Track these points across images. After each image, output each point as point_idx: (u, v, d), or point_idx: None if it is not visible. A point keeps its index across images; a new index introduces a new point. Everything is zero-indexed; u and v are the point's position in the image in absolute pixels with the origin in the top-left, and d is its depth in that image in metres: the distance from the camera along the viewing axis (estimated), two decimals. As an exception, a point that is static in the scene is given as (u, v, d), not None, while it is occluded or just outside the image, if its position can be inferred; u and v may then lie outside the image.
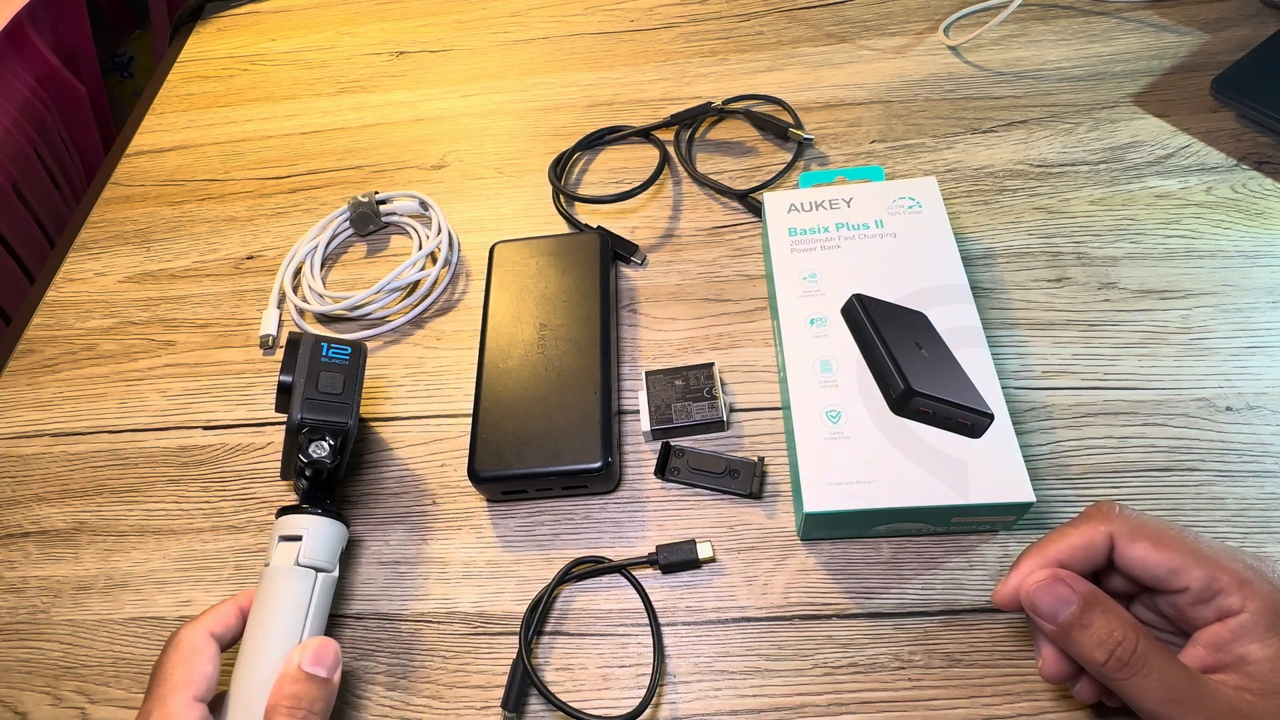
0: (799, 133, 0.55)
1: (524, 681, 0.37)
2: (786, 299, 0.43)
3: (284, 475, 0.44)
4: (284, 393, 0.40)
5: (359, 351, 0.42)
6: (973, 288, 0.45)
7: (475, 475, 0.41)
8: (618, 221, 0.54)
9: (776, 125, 0.56)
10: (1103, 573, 0.31)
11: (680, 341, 0.48)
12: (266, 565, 0.37)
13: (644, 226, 0.54)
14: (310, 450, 0.38)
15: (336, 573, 0.39)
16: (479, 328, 0.47)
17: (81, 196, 0.64)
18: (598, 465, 0.40)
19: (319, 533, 0.38)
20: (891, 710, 0.35)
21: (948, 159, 0.53)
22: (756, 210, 0.53)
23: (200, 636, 0.34)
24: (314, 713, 0.32)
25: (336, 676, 0.34)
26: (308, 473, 0.39)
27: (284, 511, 0.39)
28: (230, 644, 0.36)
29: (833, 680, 0.36)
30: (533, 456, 0.41)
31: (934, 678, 0.36)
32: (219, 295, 0.55)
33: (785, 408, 0.42)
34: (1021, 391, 0.43)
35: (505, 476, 0.41)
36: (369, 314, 0.51)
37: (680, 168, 0.56)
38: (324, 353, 0.40)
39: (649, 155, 0.58)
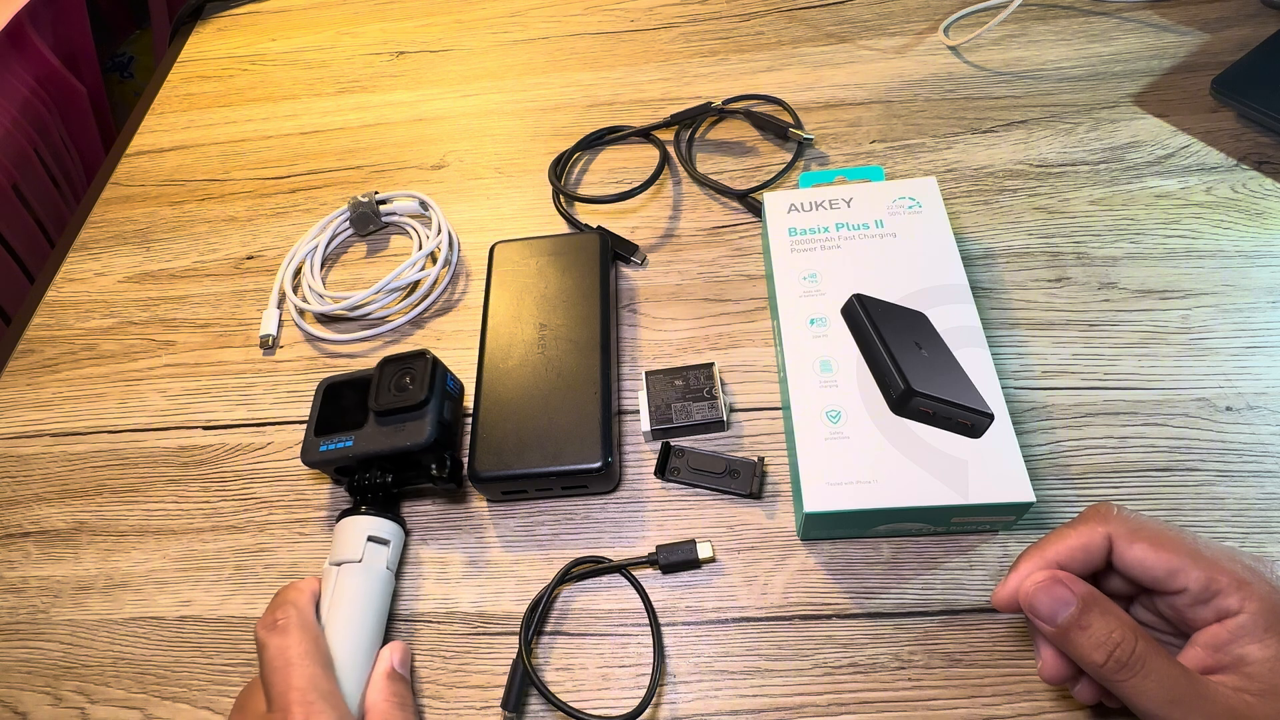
0: (799, 133, 0.55)
1: (524, 681, 0.37)
2: (786, 299, 0.43)
3: (309, 460, 0.42)
4: (414, 408, 0.42)
5: (462, 389, 0.46)
6: (973, 288, 0.45)
7: (475, 475, 0.41)
8: (618, 221, 0.54)
9: (776, 125, 0.56)
10: (1102, 574, 0.31)
11: (680, 341, 0.48)
12: (357, 561, 0.39)
13: (644, 226, 0.54)
14: (446, 468, 0.41)
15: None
16: (479, 328, 0.47)
17: (81, 196, 0.64)
18: (598, 465, 0.40)
19: (400, 540, 0.42)
20: (891, 710, 0.35)
21: (948, 159, 0.53)
22: (756, 210, 0.53)
23: (315, 624, 0.36)
24: (411, 706, 0.36)
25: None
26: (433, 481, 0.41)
27: (360, 512, 0.40)
28: None
29: (833, 680, 0.36)
30: (533, 456, 0.41)
31: (934, 678, 0.36)
32: (219, 295, 0.55)
33: (785, 408, 0.42)
34: (1021, 391, 0.43)
35: (505, 476, 0.41)
36: (369, 314, 0.51)
37: (680, 168, 0.56)
38: (448, 382, 0.44)
39: (649, 155, 0.58)
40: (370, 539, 0.40)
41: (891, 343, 0.39)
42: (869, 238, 0.44)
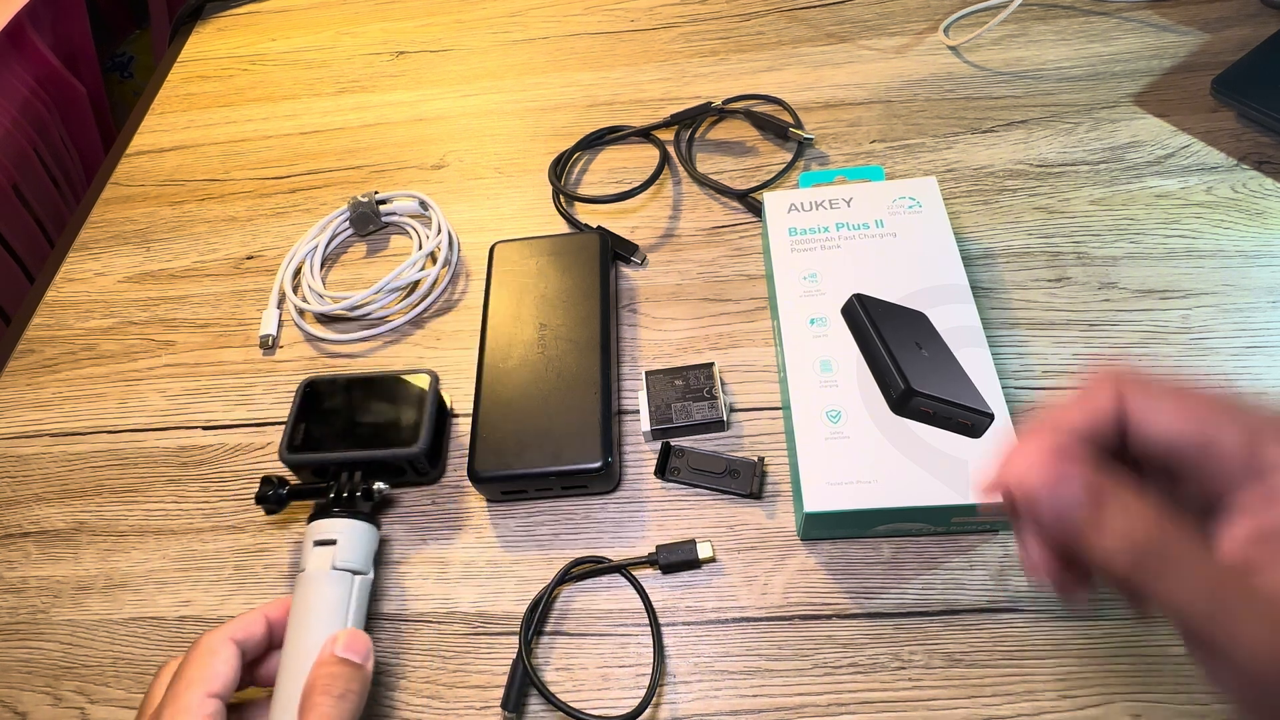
0: (799, 132, 0.55)
1: (524, 681, 0.37)
2: (786, 299, 0.43)
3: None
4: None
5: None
6: (973, 288, 0.45)
7: (475, 475, 0.41)
8: (618, 221, 0.54)
9: (776, 125, 0.56)
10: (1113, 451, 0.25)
11: (680, 341, 0.48)
12: (301, 571, 0.37)
13: (644, 226, 0.54)
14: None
15: (372, 574, 0.40)
16: (479, 328, 0.47)
17: (81, 196, 0.64)
18: (598, 465, 0.40)
19: (353, 536, 0.39)
20: (891, 710, 0.35)
21: (948, 159, 0.53)
22: (756, 210, 0.53)
23: (219, 640, 0.34)
24: (351, 691, 0.33)
25: (369, 665, 0.35)
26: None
27: (316, 516, 0.39)
28: (255, 653, 0.35)
29: (833, 680, 0.36)
30: (533, 456, 0.41)
31: (934, 678, 0.36)
32: (219, 295, 0.55)
33: (785, 408, 0.42)
34: (1021, 391, 0.43)
35: (505, 476, 0.41)
36: (369, 314, 0.51)
37: (680, 168, 0.56)
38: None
39: (649, 155, 0.58)
40: (316, 543, 0.38)
41: (891, 343, 0.39)
42: (869, 238, 0.44)
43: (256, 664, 0.36)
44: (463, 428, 0.46)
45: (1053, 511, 0.23)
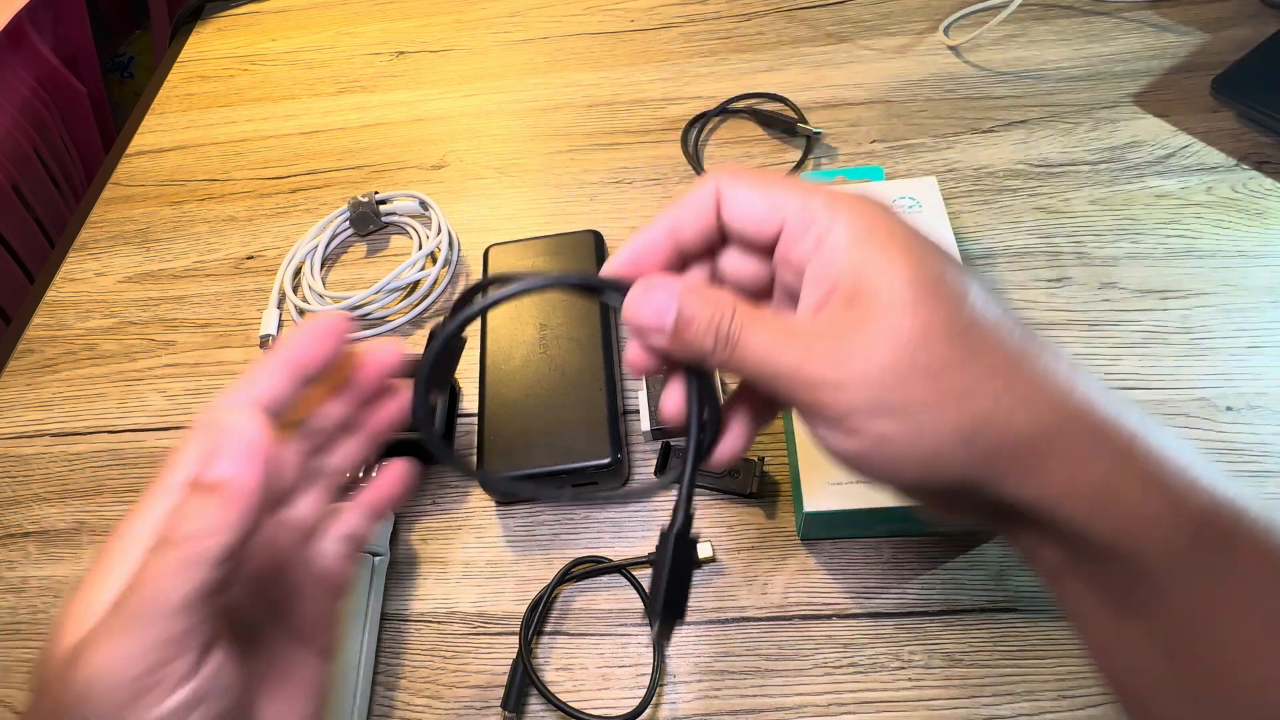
0: (806, 127, 0.55)
1: (524, 681, 0.37)
2: (786, 299, 0.43)
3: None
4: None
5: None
6: (973, 288, 0.45)
7: (485, 479, 0.41)
8: (617, 221, 0.54)
9: (784, 121, 0.56)
10: (717, 250, 0.27)
11: (680, 341, 0.48)
12: None
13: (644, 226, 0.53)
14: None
15: (389, 555, 0.41)
16: (479, 329, 0.47)
17: (81, 196, 0.64)
18: (607, 461, 0.40)
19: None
20: (891, 710, 0.35)
21: (948, 159, 0.53)
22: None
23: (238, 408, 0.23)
24: None
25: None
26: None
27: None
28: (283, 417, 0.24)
29: (833, 680, 0.36)
30: (542, 456, 0.41)
31: (934, 678, 0.36)
32: (219, 295, 0.55)
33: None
34: (1021, 391, 0.43)
35: (516, 478, 0.41)
36: (369, 314, 0.51)
37: (689, 168, 0.56)
38: None
39: (652, 155, 0.58)
40: None
41: (891, 343, 0.39)
42: (869, 238, 0.44)
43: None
44: (464, 428, 0.46)
45: (655, 323, 0.24)
